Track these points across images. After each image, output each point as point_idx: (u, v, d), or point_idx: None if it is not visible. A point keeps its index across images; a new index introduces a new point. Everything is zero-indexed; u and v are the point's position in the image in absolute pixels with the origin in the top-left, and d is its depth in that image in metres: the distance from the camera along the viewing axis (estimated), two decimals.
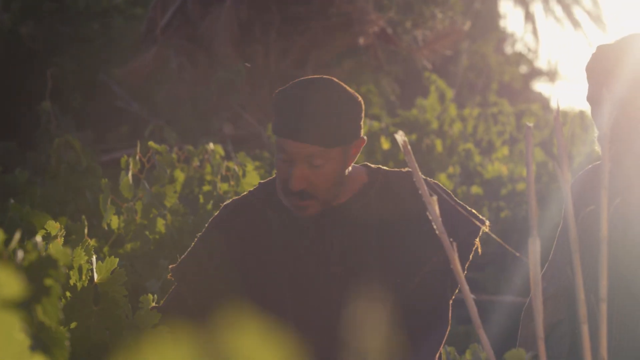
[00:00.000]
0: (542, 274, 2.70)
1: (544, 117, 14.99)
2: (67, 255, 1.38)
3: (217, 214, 2.57)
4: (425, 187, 1.43)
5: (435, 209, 1.39)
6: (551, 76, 29.00)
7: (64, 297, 1.92)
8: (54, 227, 2.00)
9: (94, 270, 1.97)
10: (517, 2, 28.52)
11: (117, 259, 2.02)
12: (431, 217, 1.40)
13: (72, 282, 1.93)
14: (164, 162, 4.23)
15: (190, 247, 2.56)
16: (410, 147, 1.49)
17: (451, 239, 1.41)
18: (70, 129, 8.24)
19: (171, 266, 2.56)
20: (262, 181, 2.58)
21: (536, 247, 1.38)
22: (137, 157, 4.05)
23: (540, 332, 1.41)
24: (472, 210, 2.47)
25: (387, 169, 2.54)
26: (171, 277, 2.54)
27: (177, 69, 10.50)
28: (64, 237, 2.09)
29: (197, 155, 4.83)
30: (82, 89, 11.06)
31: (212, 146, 4.89)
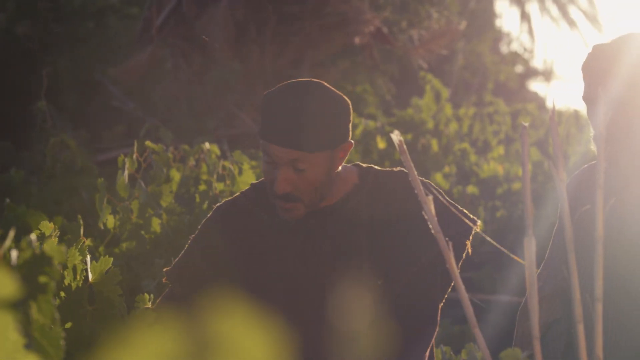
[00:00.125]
0: (538, 273, 2.70)
1: (539, 117, 14.99)
2: (61, 252, 1.38)
3: (209, 215, 2.57)
4: (421, 187, 1.43)
5: (431, 208, 1.39)
6: (547, 76, 29.04)
7: (58, 297, 1.91)
8: (47, 227, 2.00)
9: (89, 270, 1.96)
10: (513, 1, 28.54)
11: (111, 259, 2.02)
12: (427, 217, 1.40)
13: (66, 282, 1.93)
14: (160, 162, 4.22)
15: (184, 250, 2.56)
16: (406, 146, 1.49)
17: (447, 239, 1.41)
18: (65, 129, 8.24)
19: (165, 269, 2.56)
20: (254, 182, 2.58)
21: (532, 247, 1.38)
22: (134, 157, 4.05)
23: (536, 331, 1.41)
24: (464, 210, 2.46)
25: (378, 168, 2.53)
26: (166, 281, 2.54)
27: (173, 68, 10.50)
28: (58, 237, 2.09)
29: (193, 154, 4.82)
30: (77, 89, 11.05)
31: (207, 146, 4.88)
